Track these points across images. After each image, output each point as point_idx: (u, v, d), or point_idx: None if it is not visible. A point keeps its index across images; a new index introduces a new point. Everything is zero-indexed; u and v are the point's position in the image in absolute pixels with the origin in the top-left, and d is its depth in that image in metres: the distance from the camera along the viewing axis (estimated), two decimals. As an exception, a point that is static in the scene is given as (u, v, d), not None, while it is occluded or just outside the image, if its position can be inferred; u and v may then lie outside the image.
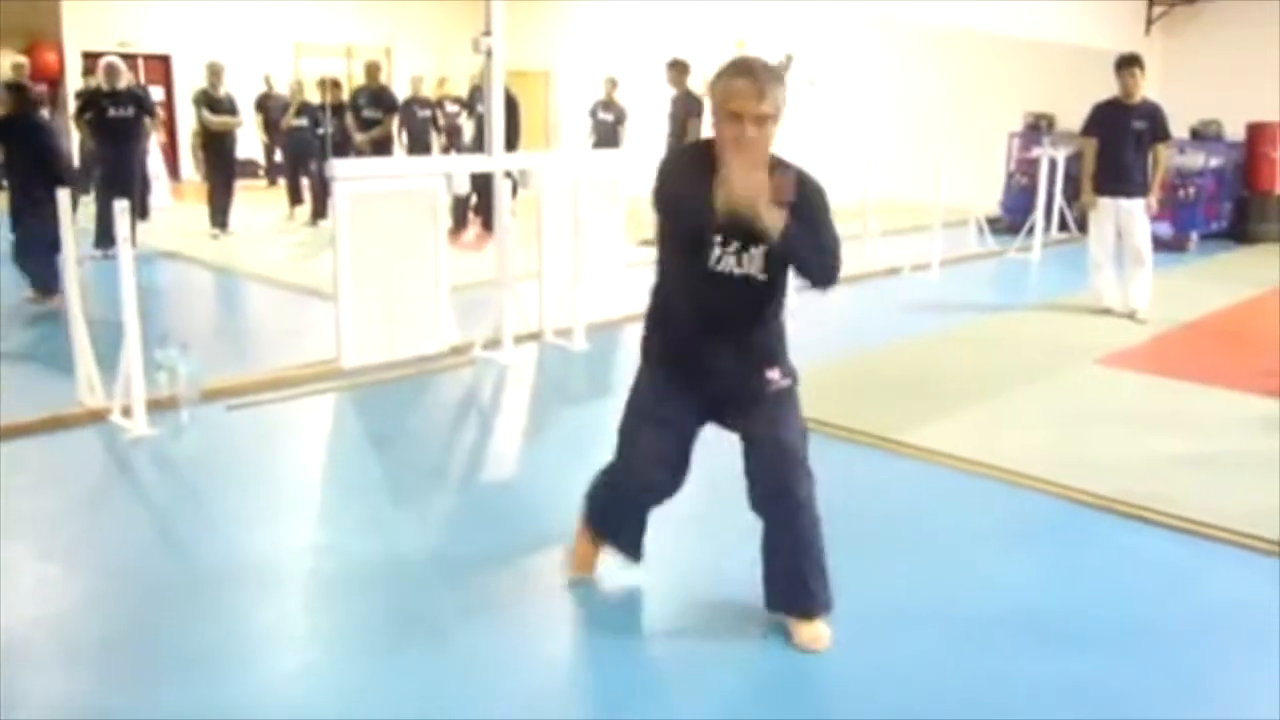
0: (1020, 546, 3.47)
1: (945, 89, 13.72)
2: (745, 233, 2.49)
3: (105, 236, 7.86)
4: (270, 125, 12.25)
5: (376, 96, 10.90)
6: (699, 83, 9.69)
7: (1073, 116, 9.39)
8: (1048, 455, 4.18)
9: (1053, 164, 10.21)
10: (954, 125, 13.15)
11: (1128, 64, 6.78)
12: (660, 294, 2.76)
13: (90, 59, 12.84)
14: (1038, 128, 12.36)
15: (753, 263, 2.57)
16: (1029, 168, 11.23)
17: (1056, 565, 3.32)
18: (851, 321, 7.06)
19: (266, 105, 12.24)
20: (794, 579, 2.71)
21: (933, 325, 6.76)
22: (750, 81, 2.44)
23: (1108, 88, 6.96)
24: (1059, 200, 10.51)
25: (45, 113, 7.28)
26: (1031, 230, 9.88)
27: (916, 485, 3.98)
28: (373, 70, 11.20)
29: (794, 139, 2.50)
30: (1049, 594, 3.10)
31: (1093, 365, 5.74)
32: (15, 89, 6.78)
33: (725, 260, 2.56)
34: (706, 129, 10.66)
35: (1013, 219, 11.01)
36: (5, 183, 7.02)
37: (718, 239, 2.53)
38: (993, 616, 2.93)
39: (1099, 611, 2.98)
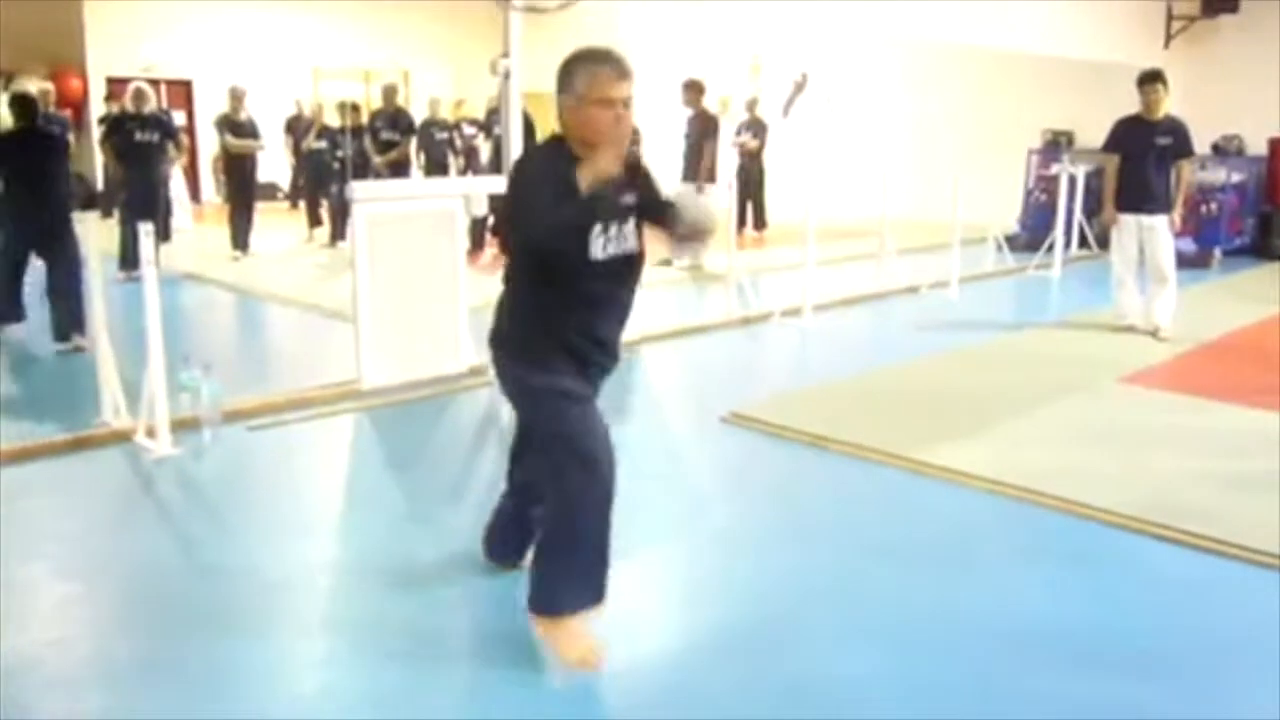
0: (1044, 566, 3.43)
1: (962, 106, 13.71)
2: (614, 213, 2.57)
3: (129, 259, 7.94)
4: (298, 147, 12.36)
5: (394, 119, 10.98)
6: (714, 103, 9.74)
7: (1092, 132, 9.37)
8: (1070, 474, 4.13)
9: (1072, 180, 10.17)
10: (972, 142, 13.14)
11: (1150, 80, 6.75)
12: (533, 299, 2.64)
13: (114, 85, 13.04)
14: (1057, 144, 12.34)
15: (627, 238, 2.65)
16: (1048, 184, 11.21)
17: (1081, 584, 3.27)
18: (871, 340, 7.05)
19: (295, 127, 12.36)
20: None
21: (953, 343, 6.72)
22: (613, 67, 2.58)
23: (1127, 103, 6.94)
24: (1079, 217, 10.46)
25: (56, 129, 6.71)
26: (1051, 247, 9.83)
27: (938, 504, 3.95)
28: (390, 93, 11.29)
29: (812, 157, 2.48)
30: (1074, 613, 3.06)
31: (1115, 383, 5.69)
32: (20, 101, 6.31)
33: (609, 246, 2.60)
34: (724, 148, 10.73)
35: (1032, 236, 10.96)
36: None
37: (598, 227, 2.56)
38: (1018, 635, 2.90)
39: (1125, 630, 2.95)
